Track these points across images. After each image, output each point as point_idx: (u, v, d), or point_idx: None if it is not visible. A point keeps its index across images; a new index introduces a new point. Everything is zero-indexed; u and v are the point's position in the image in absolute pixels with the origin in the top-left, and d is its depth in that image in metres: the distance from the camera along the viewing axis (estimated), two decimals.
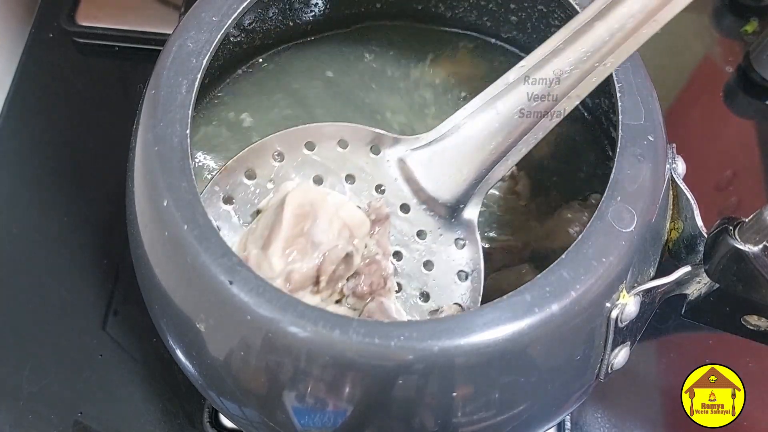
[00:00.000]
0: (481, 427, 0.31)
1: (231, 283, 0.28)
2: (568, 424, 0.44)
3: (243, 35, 0.41)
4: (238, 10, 0.34)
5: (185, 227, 0.29)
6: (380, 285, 0.35)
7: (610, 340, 0.31)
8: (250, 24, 0.41)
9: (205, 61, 0.33)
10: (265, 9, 0.41)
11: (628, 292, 0.30)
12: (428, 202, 0.36)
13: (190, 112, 0.31)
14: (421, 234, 0.36)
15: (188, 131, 0.31)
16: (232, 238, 0.36)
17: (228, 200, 0.36)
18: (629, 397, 0.46)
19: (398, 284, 0.36)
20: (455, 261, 0.35)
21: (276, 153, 0.37)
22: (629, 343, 0.33)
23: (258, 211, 0.36)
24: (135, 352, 0.47)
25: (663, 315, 0.35)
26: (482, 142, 0.34)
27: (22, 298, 0.49)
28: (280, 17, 0.42)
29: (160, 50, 0.34)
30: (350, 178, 0.37)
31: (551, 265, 0.29)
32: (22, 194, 0.53)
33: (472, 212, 0.36)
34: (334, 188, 0.37)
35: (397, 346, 0.27)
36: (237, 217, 0.36)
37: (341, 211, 0.34)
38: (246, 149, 0.36)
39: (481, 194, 0.35)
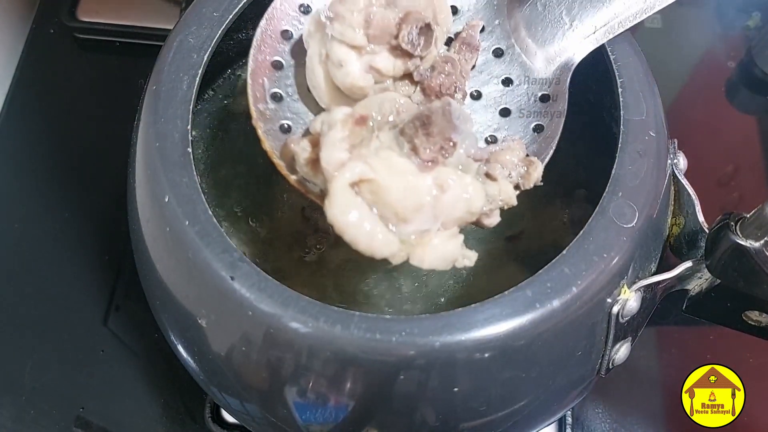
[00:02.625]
0: (482, 422, 0.31)
1: (232, 278, 0.28)
2: (569, 420, 0.44)
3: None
4: (240, 5, 0.34)
5: (186, 223, 0.29)
6: (450, 91, 0.33)
7: (611, 336, 0.31)
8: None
9: (206, 57, 0.33)
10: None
11: (629, 288, 0.30)
12: (525, 48, 0.35)
13: (191, 108, 0.31)
14: (507, 81, 0.35)
15: (189, 127, 0.31)
16: None
17: None
18: (630, 393, 0.46)
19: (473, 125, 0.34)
20: (535, 114, 0.34)
21: None
22: (630, 338, 0.33)
23: None
24: (136, 347, 0.47)
25: (664, 311, 0.35)
26: None
27: (24, 294, 0.49)
28: None
29: (161, 46, 0.34)
30: (453, 9, 0.36)
31: (552, 261, 0.29)
32: (23, 190, 0.53)
33: (568, 65, 0.34)
34: None
35: (399, 342, 0.27)
36: None
37: None
38: None
39: (590, 45, 0.34)
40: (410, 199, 0.28)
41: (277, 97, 0.33)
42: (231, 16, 0.34)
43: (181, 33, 0.33)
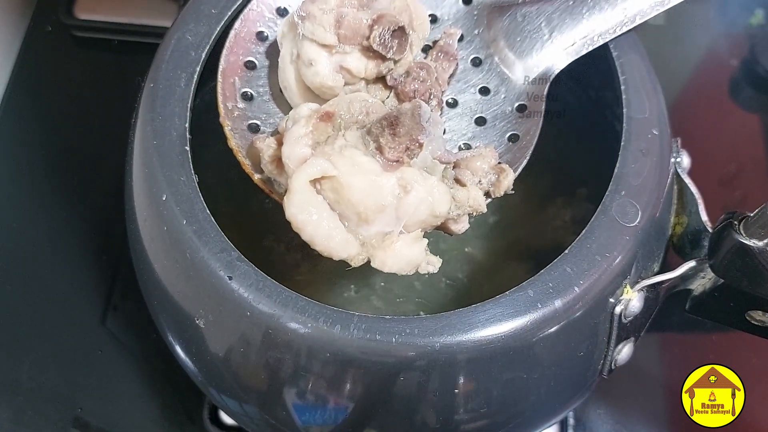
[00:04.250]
0: (483, 423, 0.30)
1: (230, 278, 0.28)
2: (571, 421, 0.44)
3: None
4: (238, 2, 0.34)
5: (184, 222, 0.29)
6: (425, 98, 0.33)
7: (613, 336, 0.31)
8: None
9: (204, 54, 0.33)
10: None
11: (632, 288, 0.30)
12: (504, 58, 0.35)
13: (189, 105, 0.31)
14: (484, 91, 0.35)
15: (187, 125, 0.31)
16: None
17: None
18: (632, 394, 0.45)
19: (443, 130, 0.34)
20: (511, 123, 0.34)
21: None
22: (633, 339, 0.32)
23: None
24: (134, 348, 0.47)
25: (667, 310, 0.35)
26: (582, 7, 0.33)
27: (22, 293, 0.49)
28: None
29: (159, 43, 0.33)
30: (432, 18, 0.36)
31: (554, 261, 0.29)
32: (20, 189, 0.53)
33: (546, 76, 0.34)
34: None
35: (399, 342, 0.27)
36: None
37: None
38: None
39: (569, 57, 0.34)
40: (373, 199, 0.28)
41: (247, 96, 0.33)
42: (229, 13, 0.34)
43: (179, 30, 0.33)
